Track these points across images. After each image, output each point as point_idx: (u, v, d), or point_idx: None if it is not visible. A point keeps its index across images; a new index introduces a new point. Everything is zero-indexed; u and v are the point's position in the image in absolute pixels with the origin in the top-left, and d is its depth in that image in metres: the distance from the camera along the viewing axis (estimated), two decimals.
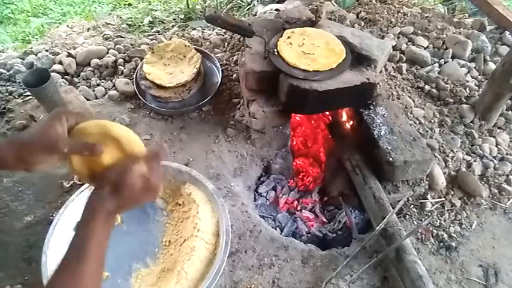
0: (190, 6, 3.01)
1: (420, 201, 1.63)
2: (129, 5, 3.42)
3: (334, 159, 1.85)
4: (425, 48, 2.23)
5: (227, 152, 1.76)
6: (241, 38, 2.06)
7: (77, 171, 0.79)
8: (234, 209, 1.56)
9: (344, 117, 1.85)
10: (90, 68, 2.14)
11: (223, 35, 2.37)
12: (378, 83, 1.70)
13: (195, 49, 2.03)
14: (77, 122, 0.78)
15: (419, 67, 2.16)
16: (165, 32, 2.60)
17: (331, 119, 1.93)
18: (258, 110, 1.62)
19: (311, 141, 2.03)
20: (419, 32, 2.31)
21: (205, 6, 3.02)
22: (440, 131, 1.87)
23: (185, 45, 2.03)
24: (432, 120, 1.91)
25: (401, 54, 2.18)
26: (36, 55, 2.20)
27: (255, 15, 2.77)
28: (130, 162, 0.73)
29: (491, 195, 1.67)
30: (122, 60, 2.15)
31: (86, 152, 0.74)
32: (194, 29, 2.57)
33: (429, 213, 1.60)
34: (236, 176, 1.71)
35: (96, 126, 0.79)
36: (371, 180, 1.59)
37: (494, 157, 1.78)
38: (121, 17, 2.95)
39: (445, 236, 1.53)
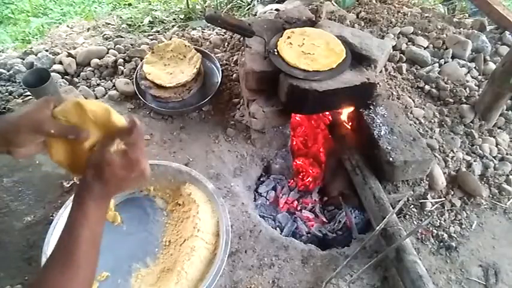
0: (190, 6, 3.01)
1: (420, 201, 1.63)
2: (129, 5, 3.42)
3: (334, 159, 1.85)
4: (425, 48, 2.23)
5: (227, 152, 1.76)
6: (241, 38, 2.06)
7: (56, 159, 0.77)
8: (234, 209, 1.56)
9: (344, 117, 1.85)
10: (90, 68, 2.14)
11: (223, 35, 2.37)
12: (378, 83, 1.70)
13: (195, 49, 2.03)
14: None
15: (419, 67, 2.16)
16: (165, 32, 2.60)
17: (331, 119, 1.93)
18: (258, 110, 1.62)
19: (311, 141, 2.03)
20: (419, 32, 2.31)
21: (205, 6, 3.03)
22: (440, 131, 1.87)
23: (185, 45, 2.03)
24: (432, 120, 1.91)
25: (401, 54, 2.18)
26: (36, 55, 2.20)
27: (255, 15, 2.77)
28: (106, 142, 0.72)
29: (491, 195, 1.67)
30: (122, 60, 2.15)
31: (72, 136, 0.73)
32: (194, 29, 2.57)
33: (429, 213, 1.60)
34: (236, 176, 1.71)
35: (73, 108, 0.75)
36: (371, 180, 1.59)
37: (494, 157, 1.78)
38: (121, 17, 2.95)
39: (445, 236, 1.53)
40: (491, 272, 1.45)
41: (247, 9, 2.99)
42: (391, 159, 1.51)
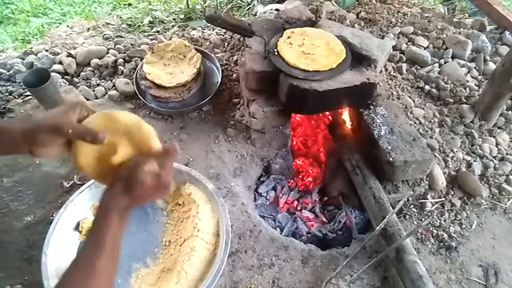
0: (190, 6, 3.01)
1: (420, 201, 1.63)
2: (129, 5, 3.42)
3: (334, 159, 1.85)
4: (425, 48, 2.23)
5: (227, 152, 1.76)
6: (241, 38, 2.06)
7: (80, 164, 0.78)
8: (234, 209, 1.56)
9: (344, 117, 1.85)
10: (90, 68, 2.14)
11: (223, 35, 2.37)
12: (378, 83, 1.70)
13: (195, 49, 2.03)
14: (89, 115, 0.79)
15: (419, 67, 2.16)
16: (165, 32, 2.60)
17: (331, 119, 1.93)
18: (258, 110, 1.62)
19: (311, 141, 2.03)
20: (419, 32, 2.31)
21: (205, 6, 3.03)
22: (440, 131, 1.87)
23: (185, 45, 2.03)
24: (432, 120, 1.91)
25: (401, 54, 2.18)
26: (36, 55, 2.20)
27: (255, 15, 2.77)
28: (142, 160, 0.74)
29: (491, 195, 1.67)
30: (122, 60, 2.15)
31: (89, 138, 0.74)
32: (194, 29, 2.57)
33: (429, 213, 1.60)
34: (236, 176, 1.71)
35: (105, 119, 0.78)
36: (371, 180, 1.59)
37: (494, 157, 1.78)
38: (121, 17, 2.95)
39: (445, 236, 1.53)
40: (491, 272, 1.45)
41: (247, 9, 2.99)
42: (391, 159, 1.51)
